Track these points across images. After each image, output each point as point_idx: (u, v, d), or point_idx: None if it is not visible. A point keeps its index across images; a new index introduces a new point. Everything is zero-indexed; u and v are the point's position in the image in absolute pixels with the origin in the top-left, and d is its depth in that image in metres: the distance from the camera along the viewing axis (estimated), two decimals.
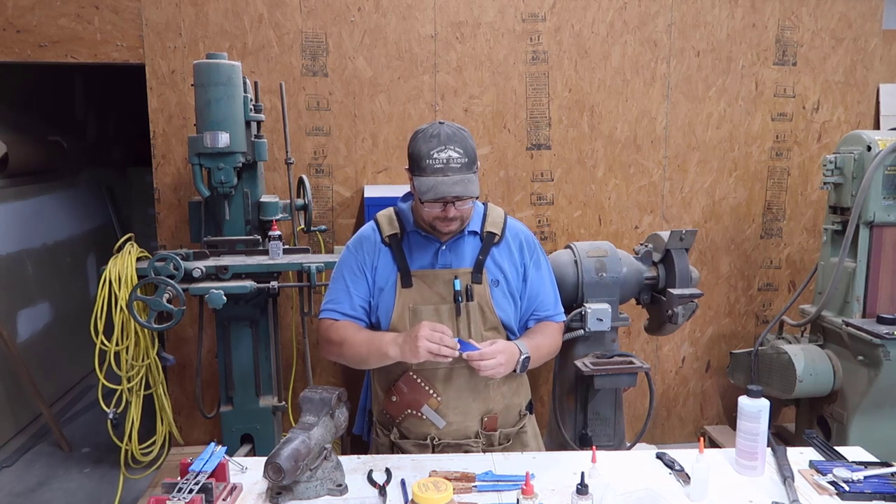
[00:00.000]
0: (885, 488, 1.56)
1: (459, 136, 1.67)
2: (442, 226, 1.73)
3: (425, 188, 1.63)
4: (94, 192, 5.28)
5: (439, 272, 1.78)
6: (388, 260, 1.81)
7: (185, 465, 1.52)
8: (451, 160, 1.62)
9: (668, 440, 3.82)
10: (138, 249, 2.78)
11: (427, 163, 1.63)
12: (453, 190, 1.62)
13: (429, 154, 1.63)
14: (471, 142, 1.69)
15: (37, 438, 3.94)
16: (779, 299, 3.80)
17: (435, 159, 1.63)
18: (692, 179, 3.65)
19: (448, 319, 1.76)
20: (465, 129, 1.72)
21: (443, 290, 1.78)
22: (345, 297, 1.83)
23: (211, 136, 2.66)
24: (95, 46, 3.22)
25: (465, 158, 1.64)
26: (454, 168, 1.62)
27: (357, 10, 3.33)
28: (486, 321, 1.79)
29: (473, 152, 1.68)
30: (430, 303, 1.77)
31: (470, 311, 1.77)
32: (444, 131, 1.66)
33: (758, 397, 1.63)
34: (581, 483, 1.42)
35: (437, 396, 1.76)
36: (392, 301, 1.78)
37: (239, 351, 2.91)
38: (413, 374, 1.77)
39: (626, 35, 3.50)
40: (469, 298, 1.77)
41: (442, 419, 1.76)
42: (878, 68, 3.72)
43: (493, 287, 1.79)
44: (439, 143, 1.63)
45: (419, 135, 1.69)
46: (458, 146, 1.64)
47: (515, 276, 1.83)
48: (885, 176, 2.80)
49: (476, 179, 1.67)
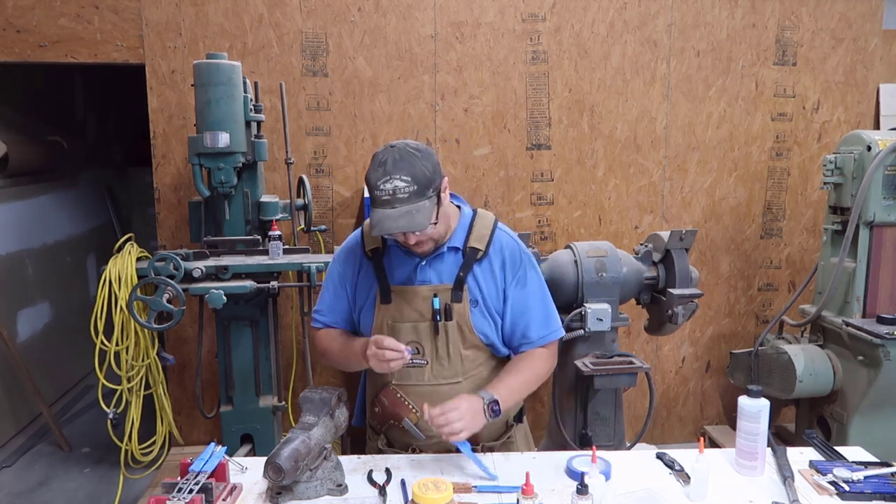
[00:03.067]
0: (885, 488, 1.56)
1: (408, 160, 1.55)
2: (412, 249, 1.69)
3: (374, 221, 1.56)
4: (94, 192, 5.28)
5: (418, 289, 1.73)
6: (369, 274, 1.78)
7: (185, 465, 1.52)
8: (396, 191, 1.53)
9: (668, 440, 3.82)
10: (138, 249, 2.78)
11: (375, 194, 1.56)
12: (397, 224, 1.54)
13: (376, 185, 1.55)
14: (423, 164, 1.56)
15: (37, 438, 3.94)
16: (779, 299, 3.80)
17: (381, 190, 1.54)
18: (692, 179, 3.65)
19: (426, 338, 1.73)
20: (423, 148, 1.60)
21: (422, 306, 1.73)
22: (328, 309, 1.86)
23: (211, 136, 2.66)
24: (95, 46, 3.22)
25: (413, 186, 1.53)
26: (401, 199, 1.53)
27: (357, 10, 3.33)
28: (466, 340, 1.74)
29: (425, 176, 1.55)
30: (408, 320, 1.73)
31: (448, 330, 1.72)
32: (391, 158, 1.55)
33: (758, 397, 1.63)
34: (581, 483, 1.42)
35: (417, 412, 1.74)
36: (371, 317, 1.77)
37: (239, 351, 2.90)
38: (394, 388, 1.76)
39: (626, 35, 3.50)
40: (448, 318, 1.72)
41: (422, 434, 1.73)
42: (878, 68, 3.72)
43: (472, 307, 1.74)
44: (385, 174, 1.54)
45: (371, 162, 1.60)
46: (405, 174, 1.53)
47: (495, 295, 1.75)
48: (885, 176, 2.80)
49: (427, 206, 1.56)
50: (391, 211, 1.54)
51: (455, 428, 1.57)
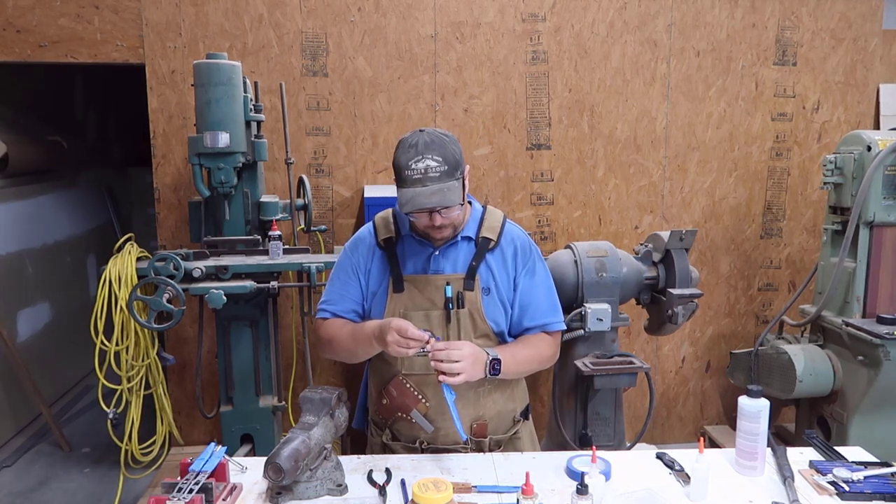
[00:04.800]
0: (885, 488, 1.56)
1: (439, 143, 1.63)
2: (433, 233, 1.72)
3: (404, 200, 1.62)
4: (94, 192, 5.28)
5: (431, 278, 1.77)
6: (382, 264, 1.80)
7: (185, 465, 1.52)
8: (429, 169, 1.59)
9: (668, 440, 3.82)
10: (138, 249, 2.78)
11: (405, 174, 1.61)
12: (430, 200, 1.59)
13: (407, 165, 1.61)
14: (453, 147, 1.64)
15: (37, 438, 3.94)
16: (779, 299, 3.80)
17: (413, 170, 1.60)
18: (692, 179, 3.65)
19: (438, 326, 1.75)
20: (450, 134, 1.68)
21: (434, 295, 1.76)
22: (338, 298, 1.85)
23: (211, 136, 2.66)
24: (95, 46, 3.22)
25: (445, 166, 1.61)
26: (432, 177, 1.60)
27: (357, 10, 3.33)
28: (477, 329, 1.77)
29: (455, 159, 1.63)
30: (420, 308, 1.76)
31: (460, 318, 1.75)
32: (422, 140, 1.62)
33: (758, 397, 1.63)
34: (581, 483, 1.42)
35: (426, 402, 1.76)
36: (383, 305, 1.78)
37: (239, 351, 2.91)
38: (403, 378, 1.77)
39: (626, 35, 3.50)
40: (460, 305, 1.75)
41: (430, 424, 1.75)
42: (878, 68, 3.72)
43: (484, 295, 1.77)
44: (417, 153, 1.60)
45: (399, 145, 1.66)
46: (437, 154, 1.61)
47: (507, 283, 1.79)
48: (885, 176, 2.80)
49: (457, 187, 1.63)
50: (423, 189, 1.59)
51: (454, 367, 1.58)
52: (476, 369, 1.63)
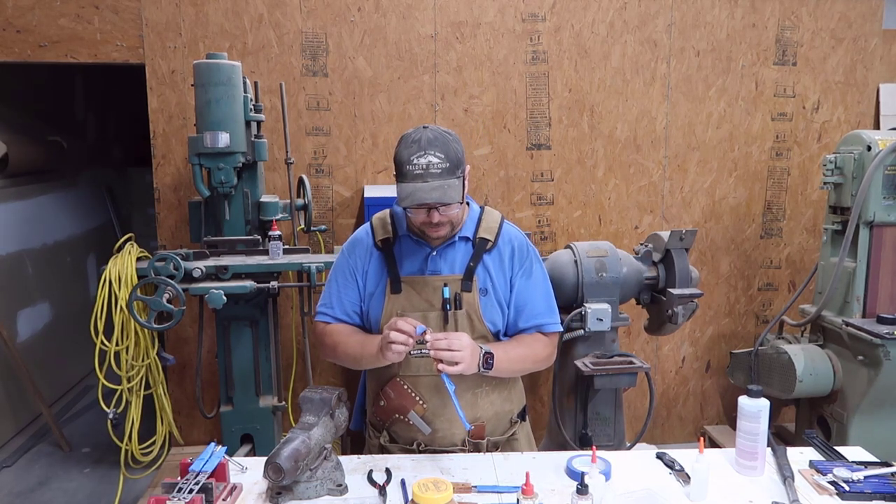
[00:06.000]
0: (885, 488, 1.56)
1: (442, 140, 1.63)
2: (430, 231, 1.72)
3: (404, 194, 1.61)
4: (94, 192, 5.28)
5: (428, 278, 1.77)
6: (380, 264, 1.80)
7: (185, 465, 1.52)
8: (430, 166, 1.60)
9: (668, 440, 3.82)
10: (138, 249, 2.78)
11: (407, 169, 1.61)
12: (430, 196, 1.59)
13: (409, 160, 1.61)
14: (455, 146, 1.65)
15: (37, 438, 3.94)
16: (779, 299, 3.80)
17: (414, 165, 1.60)
18: (692, 179, 3.65)
19: (436, 327, 1.74)
20: (452, 133, 1.69)
21: (431, 296, 1.76)
22: (336, 301, 1.84)
23: (211, 136, 2.66)
24: (95, 46, 3.22)
25: (447, 164, 1.61)
26: (433, 174, 1.60)
27: (357, 10, 3.33)
28: (475, 330, 1.76)
29: (457, 157, 1.64)
30: (418, 309, 1.76)
31: (458, 319, 1.75)
32: (425, 136, 1.63)
33: (758, 397, 1.63)
34: (581, 483, 1.42)
35: (424, 403, 1.75)
36: (381, 306, 1.78)
37: (239, 351, 2.91)
38: (400, 380, 1.77)
39: (626, 35, 3.50)
40: (458, 306, 1.75)
41: (428, 426, 1.75)
42: (878, 68, 3.72)
43: (481, 296, 1.77)
44: (419, 149, 1.61)
45: (402, 141, 1.66)
46: (439, 151, 1.61)
47: (504, 284, 1.79)
48: (885, 176, 2.80)
49: (458, 184, 1.63)
50: (424, 184, 1.60)
51: (455, 356, 1.58)
52: (473, 361, 1.64)
